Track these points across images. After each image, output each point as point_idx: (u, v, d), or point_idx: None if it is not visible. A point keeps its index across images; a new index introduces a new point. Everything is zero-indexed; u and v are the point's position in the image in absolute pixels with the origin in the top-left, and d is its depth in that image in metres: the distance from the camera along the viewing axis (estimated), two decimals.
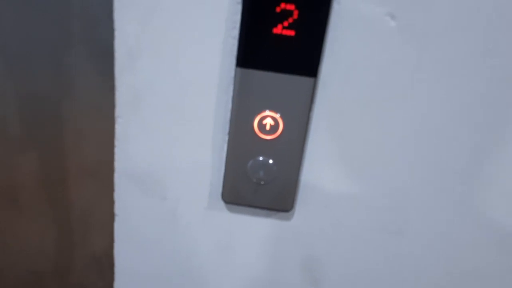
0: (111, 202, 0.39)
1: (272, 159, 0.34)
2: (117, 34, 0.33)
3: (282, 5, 0.29)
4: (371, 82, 0.32)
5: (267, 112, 0.33)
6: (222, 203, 0.37)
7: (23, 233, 0.62)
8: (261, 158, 0.34)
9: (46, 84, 0.52)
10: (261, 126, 0.33)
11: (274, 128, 0.33)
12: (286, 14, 0.29)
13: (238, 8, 0.31)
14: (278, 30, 0.30)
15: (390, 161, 0.35)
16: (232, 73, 0.33)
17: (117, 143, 0.36)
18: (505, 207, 0.35)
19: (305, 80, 0.32)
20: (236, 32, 0.31)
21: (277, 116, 0.33)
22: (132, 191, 0.38)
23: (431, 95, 0.32)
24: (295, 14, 0.29)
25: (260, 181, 0.35)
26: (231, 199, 0.36)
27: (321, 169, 0.35)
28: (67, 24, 0.49)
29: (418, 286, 0.39)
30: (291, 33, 0.30)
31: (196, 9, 0.31)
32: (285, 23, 0.30)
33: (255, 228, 0.38)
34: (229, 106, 0.34)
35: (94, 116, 0.54)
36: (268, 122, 0.33)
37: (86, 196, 0.59)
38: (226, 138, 0.35)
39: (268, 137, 0.34)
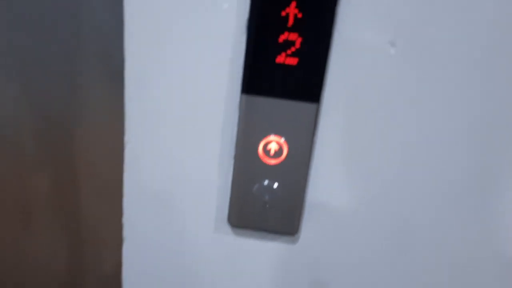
0: (120, 223, 0.39)
1: (277, 183, 0.35)
2: (127, 60, 0.34)
3: (285, 34, 0.30)
4: (372, 107, 0.33)
5: (272, 137, 0.34)
6: (228, 226, 0.38)
7: (33, 252, 0.63)
8: (266, 182, 0.35)
9: (59, 104, 0.53)
10: (266, 151, 0.34)
11: (278, 153, 0.34)
12: (289, 43, 0.30)
13: (243, 38, 0.32)
14: (281, 58, 0.31)
15: (395, 182, 0.35)
16: (238, 100, 0.34)
17: (125, 167, 0.37)
18: None
19: (309, 106, 0.32)
20: (241, 60, 0.32)
21: (282, 140, 0.34)
22: (140, 215, 0.38)
23: (432, 120, 0.33)
24: (298, 43, 0.30)
25: (265, 204, 0.35)
26: (237, 223, 0.37)
27: (326, 192, 0.36)
28: (79, 46, 0.50)
29: None
30: (294, 61, 0.31)
31: (204, 38, 0.32)
32: (288, 52, 0.31)
33: (261, 251, 0.38)
34: (235, 131, 0.34)
35: (107, 136, 0.55)
36: (273, 147, 0.34)
37: (96, 216, 0.60)
38: (232, 162, 0.35)
39: (273, 162, 0.34)
